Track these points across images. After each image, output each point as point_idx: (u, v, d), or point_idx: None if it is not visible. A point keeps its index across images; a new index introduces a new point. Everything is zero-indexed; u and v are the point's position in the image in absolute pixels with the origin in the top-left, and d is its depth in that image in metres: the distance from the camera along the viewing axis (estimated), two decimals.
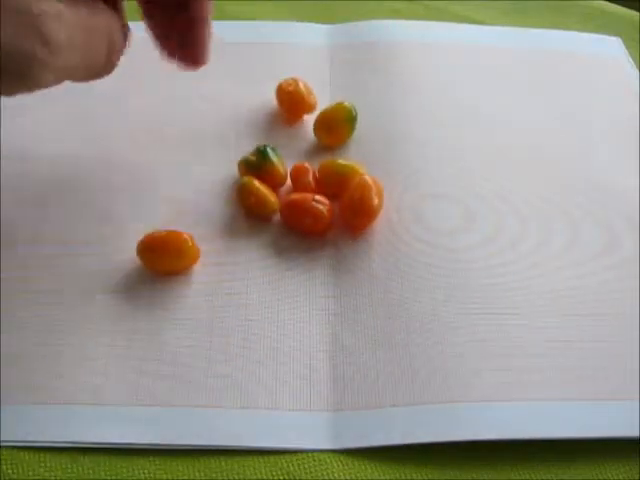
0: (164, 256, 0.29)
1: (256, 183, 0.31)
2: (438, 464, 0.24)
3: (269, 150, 0.32)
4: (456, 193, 0.33)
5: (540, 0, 0.48)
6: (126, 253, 0.29)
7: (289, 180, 0.33)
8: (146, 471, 0.24)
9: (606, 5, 0.48)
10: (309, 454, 0.24)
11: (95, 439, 0.24)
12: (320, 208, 0.30)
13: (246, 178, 0.32)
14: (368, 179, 0.31)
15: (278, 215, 0.31)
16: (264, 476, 0.24)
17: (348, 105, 0.35)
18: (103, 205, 0.32)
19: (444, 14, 0.46)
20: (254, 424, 0.25)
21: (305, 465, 0.24)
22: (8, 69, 0.21)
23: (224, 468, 0.24)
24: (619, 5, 0.48)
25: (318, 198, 0.30)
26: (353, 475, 0.24)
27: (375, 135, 0.36)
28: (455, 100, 0.38)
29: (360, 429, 0.25)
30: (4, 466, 0.24)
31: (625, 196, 0.33)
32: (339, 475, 0.24)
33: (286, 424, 0.25)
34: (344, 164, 0.33)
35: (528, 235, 0.31)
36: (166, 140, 0.35)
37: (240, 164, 0.33)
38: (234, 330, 0.28)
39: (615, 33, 0.44)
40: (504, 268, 0.30)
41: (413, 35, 0.43)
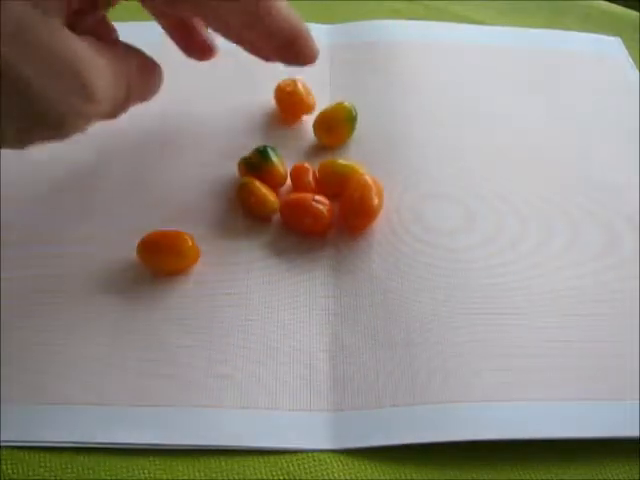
0: (164, 256, 0.29)
1: (256, 183, 0.31)
2: (438, 464, 0.24)
3: (269, 150, 0.32)
4: (456, 193, 0.33)
5: (540, 0, 0.48)
6: (126, 253, 0.29)
7: (289, 180, 0.33)
8: (146, 471, 0.24)
9: (606, 5, 0.48)
10: (309, 454, 0.24)
11: (95, 439, 0.24)
12: (320, 208, 0.30)
13: (246, 178, 0.32)
14: (368, 179, 0.31)
15: (278, 215, 0.31)
16: (264, 476, 0.24)
17: (348, 105, 0.35)
18: (103, 205, 0.32)
19: (444, 14, 0.46)
20: (254, 424, 0.25)
21: (305, 465, 0.24)
22: (47, 123, 0.21)
23: (224, 468, 0.24)
24: (619, 5, 0.48)
25: (318, 198, 0.30)
26: (353, 475, 0.24)
27: (375, 135, 0.36)
28: (455, 100, 0.38)
29: (360, 429, 0.25)
30: (4, 466, 0.24)
31: (625, 196, 0.33)
32: (339, 475, 0.24)
33: (286, 424, 0.25)
34: (344, 164, 0.32)
35: (528, 235, 0.31)
36: (166, 140, 0.35)
37: (240, 164, 0.33)
38: (234, 330, 0.28)
39: (615, 33, 0.44)
40: (504, 268, 0.30)
41: (413, 35, 0.43)
